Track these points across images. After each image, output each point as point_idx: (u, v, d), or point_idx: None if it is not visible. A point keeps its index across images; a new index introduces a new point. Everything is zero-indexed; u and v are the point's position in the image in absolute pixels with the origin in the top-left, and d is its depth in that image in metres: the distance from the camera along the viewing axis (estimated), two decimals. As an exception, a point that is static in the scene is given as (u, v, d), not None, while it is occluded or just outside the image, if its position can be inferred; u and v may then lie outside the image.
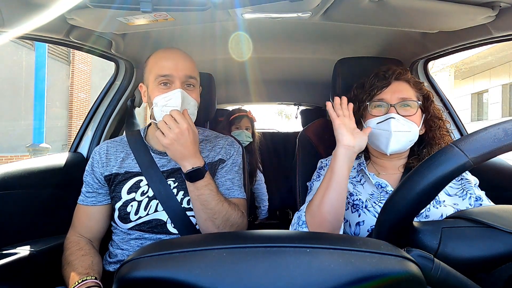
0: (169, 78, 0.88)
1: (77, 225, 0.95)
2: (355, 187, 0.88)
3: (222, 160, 0.99)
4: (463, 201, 0.81)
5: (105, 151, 0.97)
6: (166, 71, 0.88)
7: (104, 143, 1.01)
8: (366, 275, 0.31)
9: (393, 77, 0.88)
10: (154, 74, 0.89)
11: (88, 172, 0.96)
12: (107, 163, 0.95)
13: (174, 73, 0.88)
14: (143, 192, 0.92)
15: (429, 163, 0.43)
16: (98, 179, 0.95)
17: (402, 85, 0.88)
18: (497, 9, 0.84)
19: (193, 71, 0.92)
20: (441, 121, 0.89)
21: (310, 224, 0.75)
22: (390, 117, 0.83)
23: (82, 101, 8.28)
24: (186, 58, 0.93)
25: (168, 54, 0.92)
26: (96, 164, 0.96)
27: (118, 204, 0.92)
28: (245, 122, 2.00)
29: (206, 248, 0.34)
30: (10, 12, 0.82)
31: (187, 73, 0.89)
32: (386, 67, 0.92)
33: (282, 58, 1.63)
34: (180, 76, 0.88)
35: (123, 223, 0.91)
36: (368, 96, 0.89)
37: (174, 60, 0.90)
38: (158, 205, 0.91)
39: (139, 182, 0.93)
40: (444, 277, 0.36)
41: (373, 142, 0.88)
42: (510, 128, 0.41)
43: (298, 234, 0.40)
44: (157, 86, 0.89)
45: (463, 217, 0.46)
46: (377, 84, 0.88)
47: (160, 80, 0.88)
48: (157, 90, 0.89)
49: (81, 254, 0.86)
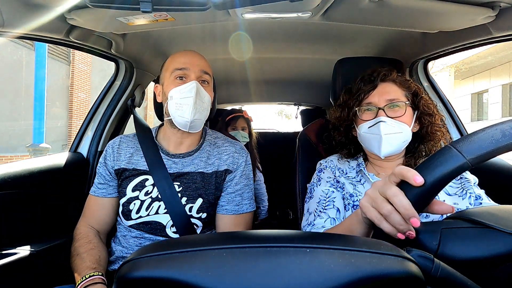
0: (185, 71, 0.91)
1: (88, 215, 0.96)
2: (355, 188, 0.88)
3: (229, 171, 0.97)
4: (463, 200, 0.81)
5: (117, 145, 0.99)
6: (182, 65, 0.92)
7: (118, 137, 1.03)
8: (366, 275, 0.31)
9: (378, 79, 0.88)
10: (170, 70, 0.93)
11: (101, 164, 0.98)
12: (118, 157, 0.97)
13: (189, 66, 0.92)
14: (147, 192, 0.92)
15: (427, 164, 0.43)
16: (109, 171, 0.97)
17: (388, 86, 0.87)
18: (497, 9, 0.84)
19: (208, 69, 0.97)
20: (432, 117, 0.88)
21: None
22: (380, 120, 0.82)
23: (82, 101, 8.28)
24: (201, 56, 0.98)
25: (184, 52, 0.97)
26: (108, 157, 0.97)
27: (123, 200, 0.93)
28: (241, 123, 2.01)
29: (206, 248, 0.34)
30: (10, 12, 0.82)
31: (202, 68, 0.93)
32: (371, 69, 0.91)
33: (282, 58, 1.62)
34: (196, 70, 0.92)
35: (125, 219, 0.93)
36: (356, 101, 0.89)
37: (190, 56, 0.95)
38: (160, 207, 0.91)
39: (144, 181, 0.93)
40: (444, 277, 0.36)
41: (367, 146, 0.88)
42: (507, 129, 0.41)
43: (298, 234, 0.40)
44: (173, 80, 0.92)
45: (463, 217, 0.46)
46: (364, 88, 0.88)
47: (177, 74, 0.92)
48: (173, 84, 0.92)
49: (90, 247, 0.87)
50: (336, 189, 0.90)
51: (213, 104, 1.25)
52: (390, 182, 0.48)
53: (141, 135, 1.01)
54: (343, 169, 0.94)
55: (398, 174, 0.47)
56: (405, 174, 0.45)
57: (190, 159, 0.96)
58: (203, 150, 0.99)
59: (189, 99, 0.89)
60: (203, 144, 1.00)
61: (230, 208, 0.96)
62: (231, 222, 0.96)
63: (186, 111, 0.89)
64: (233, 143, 1.04)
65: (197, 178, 0.94)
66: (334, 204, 0.86)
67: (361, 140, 0.89)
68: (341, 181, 0.91)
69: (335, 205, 0.86)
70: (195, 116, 0.90)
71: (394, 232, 0.46)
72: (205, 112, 0.94)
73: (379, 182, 0.51)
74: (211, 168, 0.96)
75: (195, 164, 0.96)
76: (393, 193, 0.46)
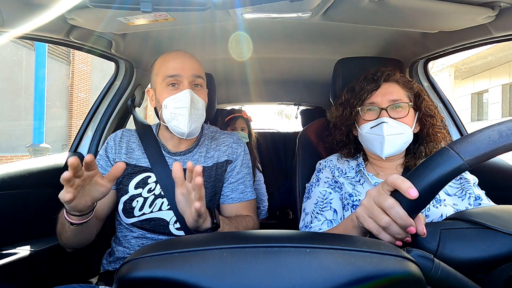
0: (177, 78, 0.89)
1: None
2: (355, 188, 0.88)
3: (229, 161, 0.98)
4: (462, 201, 0.81)
5: (119, 138, 0.98)
6: (174, 71, 0.89)
7: (120, 130, 1.02)
8: (366, 275, 0.31)
9: (382, 79, 0.87)
10: (162, 76, 0.90)
11: (102, 156, 0.97)
12: (119, 150, 0.96)
13: (181, 72, 0.89)
14: (150, 189, 0.92)
15: (425, 165, 0.44)
16: (111, 164, 0.96)
17: (392, 87, 0.87)
18: (497, 9, 0.83)
19: (200, 71, 0.93)
20: (434, 118, 0.88)
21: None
22: (382, 121, 0.82)
23: (82, 101, 8.28)
24: (192, 58, 0.94)
25: (174, 55, 0.93)
26: (109, 150, 0.97)
27: (124, 198, 0.92)
28: (240, 123, 2.02)
29: (206, 248, 0.34)
30: (10, 12, 0.82)
31: (194, 72, 0.90)
32: (375, 69, 0.91)
33: (282, 58, 1.62)
34: (188, 76, 0.89)
35: (126, 217, 0.92)
36: (359, 100, 0.89)
37: (181, 60, 0.91)
38: (163, 204, 0.91)
39: (147, 178, 0.93)
40: (444, 277, 0.36)
41: (368, 147, 0.88)
42: (504, 130, 0.41)
43: (298, 234, 0.40)
44: (165, 87, 0.89)
45: (462, 218, 0.46)
46: (367, 87, 0.88)
47: (168, 81, 0.89)
48: (166, 92, 0.89)
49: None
50: (334, 189, 0.90)
51: (213, 104, 1.26)
52: (384, 191, 0.48)
53: (142, 133, 1.00)
54: (342, 169, 0.94)
55: (392, 184, 0.47)
56: (399, 186, 0.45)
57: (190, 155, 0.97)
58: (202, 145, 1.00)
59: (184, 110, 0.87)
60: (201, 139, 1.01)
61: (235, 197, 0.97)
62: (238, 209, 0.97)
63: (182, 122, 0.88)
64: (230, 134, 1.05)
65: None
66: (331, 205, 0.87)
67: (363, 140, 0.89)
68: (340, 181, 0.91)
69: (332, 207, 0.86)
70: (192, 126, 0.89)
71: (393, 240, 0.47)
72: (201, 118, 0.92)
73: (373, 191, 0.51)
74: (211, 161, 0.97)
75: (196, 160, 0.96)
76: (390, 205, 0.46)
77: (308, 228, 0.85)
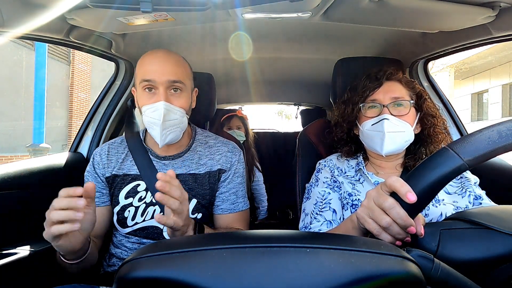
0: (152, 83, 0.84)
1: None
2: (354, 187, 0.88)
3: (222, 170, 0.96)
4: (462, 199, 0.81)
5: (106, 152, 0.96)
6: (149, 76, 0.84)
7: (105, 144, 1.00)
8: (366, 275, 0.31)
9: (384, 77, 0.88)
10: (139, 78, 0.86)
11: (90, 173, 0.95)
12: (108, 164, 0.94)
13: (156, 78, 0.83)
14: (141, 198, 0.91)
15: (425, 166, 0.44)
16: (101, 179, 0.94)
17: (394, 85, 0.88)
18: (497, 9, 0.84)
19: (180, 75, 0.86)
20: (435, 119, 0.88)
21: None
22: (383, 118, 0.83)
23: (82, 101, 8.28)
24: (172, 61, 0.87)
25: (153, 57, 0.87)
26: (97, 166, 0.95)
27: (117, 208, 0.91)
28: (235, 122, 2.03)
29: (206, 248, 0.34)
30: (10, 12, 0.82)
31: (171, 78, 0.84)
32: (378, 68, 0.92)
33: (282, 58, 1.62)
34: (163, 82, 0.84)
35: (121, 227, 0.91)
36: (361, 97, 0.89)
37: (159, 64, 0.85)
38: (155, 212, 0.90)
39: (136, 186, 0.92)
40: (444, 277, 0.36)
41: (369, 144, 0.88)
42: (504, 130, 0.41)
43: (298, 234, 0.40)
44: (142, 91, 0.86)
45: (462, 218, 0.46)
46: (369, 85, 0.89)
47: (144, 85, 0.85)
48: (143, 97, 0.86)
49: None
50: (333, 189, 0.90)
51: (213, 104, 1.26)
52: (383, 192, 0.49)
53: (130, 140, 0.98)
54: (342, 168, 0.94)
55: (391, 187, 0.47)
56: (398, 189, 0.46)
57: (180, 160, 0.94)
58: (194, 151, 0.97)
59: (157, 122, 0.83)
60: (193, 145, 0.98)
61: (226, 207, 0.95)
62: (229, 221, 0.95)
63: (156, 135, 0.85)
64: (225, 142, 1.02)
65: (189, 180, 0.92)
66: (330, 206, 0.87)
67: (364, 137, 0.90)
68: (339, 180, 0.91)
69: (331, 207, 0.86)
70: (167, 139, 0.86)
71: (393, 241, 0.48)
72: (180, 125, 0.88)
73: (372, 191, 0.52)
74: (204, 168, 0.94)
75: (186, 166, 0.94)
76: (390, 205, 0.47)
77: (308, 229, 0.86)
